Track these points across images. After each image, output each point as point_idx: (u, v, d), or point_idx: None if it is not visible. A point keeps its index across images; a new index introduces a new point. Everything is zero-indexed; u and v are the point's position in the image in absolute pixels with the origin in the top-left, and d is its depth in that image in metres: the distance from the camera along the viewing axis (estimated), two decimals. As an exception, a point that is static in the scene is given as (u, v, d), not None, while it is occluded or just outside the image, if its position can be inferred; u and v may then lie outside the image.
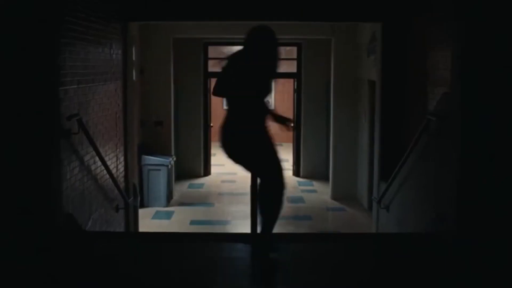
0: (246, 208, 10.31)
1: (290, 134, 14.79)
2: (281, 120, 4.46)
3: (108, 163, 6.01)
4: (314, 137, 12.58)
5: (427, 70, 6.00)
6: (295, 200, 10.90)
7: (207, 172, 13.06)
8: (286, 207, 10.28)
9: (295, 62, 12.72)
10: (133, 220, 7.07)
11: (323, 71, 11.94)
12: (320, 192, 11.57)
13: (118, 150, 6.40)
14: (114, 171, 6.28)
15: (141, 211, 9.82)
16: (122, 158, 6.60)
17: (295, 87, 12.96)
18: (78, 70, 4.94)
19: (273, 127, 4.43)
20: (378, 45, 7.17)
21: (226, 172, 13.68)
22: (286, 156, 14.94)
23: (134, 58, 9.95)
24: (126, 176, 6.77)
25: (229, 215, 9.84)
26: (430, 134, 5.08)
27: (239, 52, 4.33)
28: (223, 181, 12.68)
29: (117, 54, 6.31)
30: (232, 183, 12.47)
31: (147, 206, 10.15)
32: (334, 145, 11.03)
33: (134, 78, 9.98)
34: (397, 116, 6.75)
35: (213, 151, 14.32)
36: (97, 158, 5.42)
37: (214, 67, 12.85)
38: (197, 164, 12.89)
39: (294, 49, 12.69)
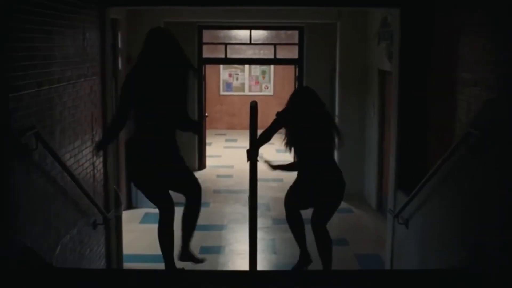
0: (244, 209, 9.52)
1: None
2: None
3: (82, 174, 5.15)
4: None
5: (456, 64, 5.12)
6: (296, 199, 10.06)
7: (202, 165, 12.22)
8: (287, 209, 9.59)
9: (296, 48, 11.82)
10: (116, 235, 6.20)
11: (327, 58, 11.03)
12: (324, 189, 10.72)
13: (95, 157, 5.52)
14: (90, 181, 5.41)
15: (129, 214, 9.01)
16: (100, 165, 5.73)
17: (297, 74, 12.07)
18: (37, 70, 4.05)
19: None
20: (395, 34, 6.25)
21: (223, 165, 12.84)
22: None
23: (120, 46, 9.05)
24: (105, 185, 5.90)
25: (225, 217, 9.00)
26: (468, 148, 4.19)
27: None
28: (219, 176, 11.84)
29: (92, 46, 5.39)
30: (229, 178, 11.64)
31: (136, 207, 9.31)
32: (339, 138, 10.14)
33: (120, 67, 9.09)
34: (417, 118, 5.87)
35: (208, 140, 13.47)
36: (66, 173, 4.55)
37: (209, 52, 12.00)
38: (191, 157, 11.99)
39: (296, 33, 11.78)
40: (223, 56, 12.05)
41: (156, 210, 9.09)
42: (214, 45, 12.01)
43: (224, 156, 13.85)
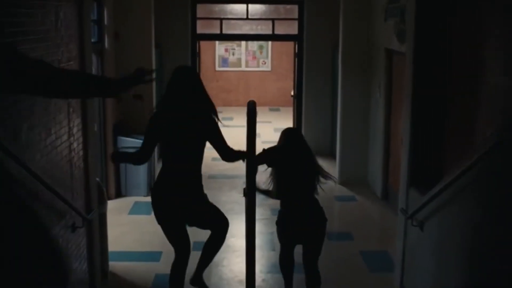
0: (240, 198, 8.92)
1: (289, 97, 13.31)
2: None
3: (58, 174, 4.55)
4: (317, 109, 11.07)
5: (482, 49, 4.51)
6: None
7: (196, 147, 11.61)
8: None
9: (296, 23, 11.16)
10: (100, 234, 5.62)
11: (329, 35, 10.37)
12: (325, 174, 10.16)
13: (72, 153, 4.90)
14: (68, 181, 4.82)
15: (117, 203, 8.47)
16: (79, 161, 5.12)
17: (296, 51, 11.43)
18: (-4, 60, 3.41)
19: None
20: (409, 11, 5.60)
21: (218, 146, 12.23)
22: (287, 125, 13.48)
23: (106, 22, 8.38)
24: (87, 182, 5.30)
25: (220, 207, 8.14)
26: (500, 150, 3.59)
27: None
28: (214, 159, 11.21)
29: (68, 28, 4.74)
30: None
31: (125, 196, 8.75)
32: (342, 120, 9.55)
33: (107, 45, 8.43)
34: (434, 109, 5.26)
35: (203, 119, 12.84)
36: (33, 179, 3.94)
37: (203, 28, 11.34)
38: (185, 138, 11.41)
39: (295, 7, 11.10)
40: (218, 32, 11.40)
41: (146, 199, 8.60)
42: (209, 20, 11.34)
43: (219, 136, 13.25)
